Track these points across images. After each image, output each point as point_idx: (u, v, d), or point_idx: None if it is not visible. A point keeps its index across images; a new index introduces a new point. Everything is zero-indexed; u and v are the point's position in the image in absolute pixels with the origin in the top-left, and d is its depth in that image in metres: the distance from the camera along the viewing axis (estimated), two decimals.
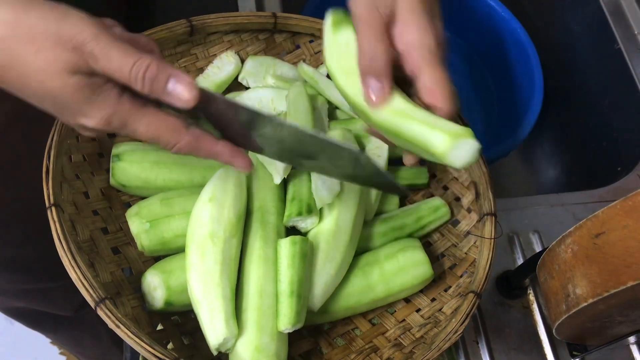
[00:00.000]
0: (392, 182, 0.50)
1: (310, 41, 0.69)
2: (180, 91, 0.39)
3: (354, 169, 0.48)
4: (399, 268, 0.58)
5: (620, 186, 0.75)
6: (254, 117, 0.44)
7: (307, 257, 0.53)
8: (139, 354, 0.47)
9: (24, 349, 1.37)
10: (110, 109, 0.39)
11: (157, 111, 0.41)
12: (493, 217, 0.58)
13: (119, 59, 0.38)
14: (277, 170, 0.56)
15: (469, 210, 0.63)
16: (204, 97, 0.42)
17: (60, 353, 1.38)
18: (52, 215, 0.49)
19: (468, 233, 0.62)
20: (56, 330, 1.03)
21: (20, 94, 0.40)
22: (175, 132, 0.41)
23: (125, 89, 0.40)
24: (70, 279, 0.48)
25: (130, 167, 0.57)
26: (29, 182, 0.61)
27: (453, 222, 0.64)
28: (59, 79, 0.37)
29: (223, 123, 0.45)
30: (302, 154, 0.47)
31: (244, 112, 0.43)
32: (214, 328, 0.49)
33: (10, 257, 0.74)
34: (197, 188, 0.57)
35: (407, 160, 0.50)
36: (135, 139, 0.44)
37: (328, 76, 0.67)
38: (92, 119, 0.40)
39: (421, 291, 0.61)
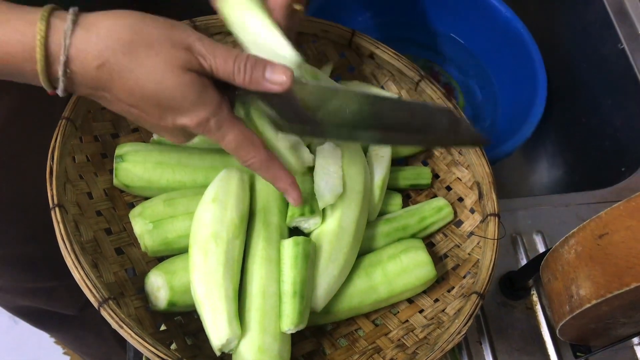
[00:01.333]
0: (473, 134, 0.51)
1: (313, 41, 0.69)
2: (278, 76, 0.43)
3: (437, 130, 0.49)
4: (402, 269, 0.58)
5: (624, 186, 0.75)
6: (334, 93, 0.47)
7: (310, 258, 0.53)
8: (142, 354, 0.47)
9: (27, 348, 1.37)
10: (213, 109, 0.43)
11: (246, 127, 0.46)
12: (496, 218, 0.58)
13: (223, 54, 0.42)
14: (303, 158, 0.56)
15: (472, 211, 0.63)
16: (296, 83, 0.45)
17: (64, 352, 1.39)
18: (56, 216, 0.49)
19: (471, 234, 0.62)
20: (60, 330, 1.03)
21: (127, 99, 0.42)
22: (255, 148, 0.46)
23: (225, 95, 0.44)
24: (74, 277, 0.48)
25: (134, 167, 0.57)
26: (31, 179, 0.62)
27: (456, 222, 0.64)
28: (176, 76, 0.41)
29: (287, 105, 0.46)
30: (373, 125, 0.48)
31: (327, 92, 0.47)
32: (217, 329, 0.49)
33: (15, 255, 0.75)
34: (200, 189, 0.57)
35: None
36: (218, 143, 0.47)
37: (331, 76, 0.67)
38: (193, 118, 0.43)
39: (424, 292, 0.61)
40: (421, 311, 0.61)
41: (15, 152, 0.64)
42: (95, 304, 0.47)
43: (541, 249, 0.69)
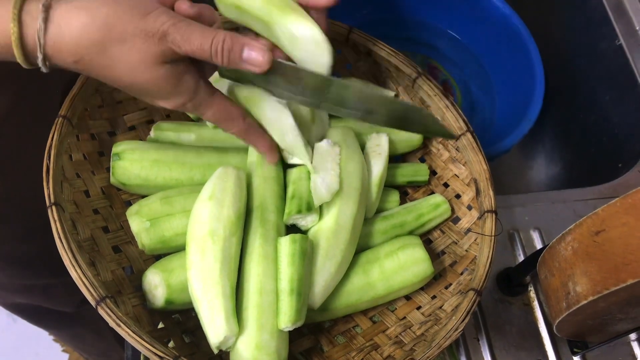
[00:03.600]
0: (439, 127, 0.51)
1: None
2: (255, 57, 0.44)
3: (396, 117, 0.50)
4: (399, 266, 0.58)
5: (622, 182, 0.75)
6: (321, 81, 0.48)
7: (307, 255, 0.53)
8: (140, 352, 0.47)
9: (26, 346, 1.37)
10: (189, 96, 0.46)
11: (224, 100, 0.48)
12: (493, 214, 0.58)
13: (198, 39, 0.42)
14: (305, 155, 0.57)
15: (469, 208, 0.63)
16: (275, 64, 0.46)
17: (63, 350, 1.39)
18: (53, 214, 0.49)
19: (468, 230, 0.62)
20: (58, 327, 1.03)
21: (111, 84, 0.45)
22: (235, 120, 0.50)
23: (201, 78, 0.46)
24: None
25: (131, 165, 0.57)
26: (27, 177, 0.62)
27: (453, 219, 0.64)
28: (150, 71, 0.42)
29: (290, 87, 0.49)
30: (359, 108, 0.50)
31: (310, 77, 0.48)
32: (215, 326, 0.49)
33: (11, 252, 0.75)
34: (197, 186, 0.57)
35: None
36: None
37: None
38: (171, 103, 0.46)
39: (422, 289, 0.61)
40: (418, 308, 0.61)
41: (11, 151, 0.64)
42: (93, 303, 0.47)
43: (538, 245, 0.69)
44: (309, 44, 0.49)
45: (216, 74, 0.52)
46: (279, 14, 0.50)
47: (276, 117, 0.52)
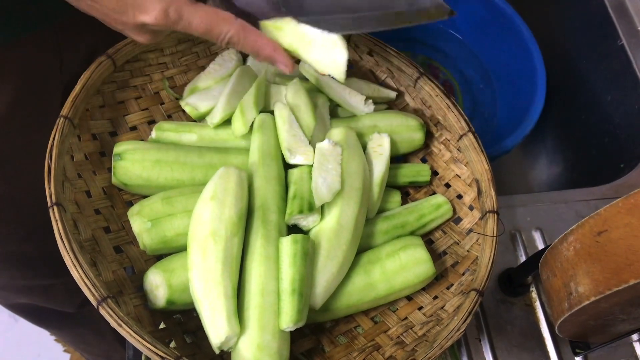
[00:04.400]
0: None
1: None
2: None
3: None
4: (400, 266, 0.58)
5: (623, 183, 0.75)
6: None
7: (308, 256, 0.53)
8: (141, 352, 0.47)
9: (28, 346, 1.38)
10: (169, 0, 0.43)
11: (208, 6, 0.45)
12: (495, 215, 0.58)
13: None
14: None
15: (471, 208, 0.63)
16: None
17: (65, 350, 1.39)
18: (54, 215, 0.49)
19: (470, 231, 0.62)
20: (59, 327, 1.03)
21: None
22: (226, 21, 0.45)
23: None
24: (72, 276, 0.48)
25: (132, 166, 0.57)
26: (29, 176, 0.62)
27: (455, 219, 0.64)
28: None
29: None
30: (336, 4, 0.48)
31: None
32: (216, 327, 0.49)
33: (12, 252, 0.75)
34: (198, 187, 0.57)
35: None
36: (189, 33, 0.46)
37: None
38: (151, 12, 0.43)
39: (423, 289, 0.61)
40: (420, 308, 0.61)
41: (13, 151, 0.64)
42: (94, 303, 0.47)
43: (540, 245, 0.69)
44: (325, 44, 0.48)
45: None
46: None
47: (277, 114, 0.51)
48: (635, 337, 0.62)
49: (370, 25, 0.50)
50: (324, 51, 0.48)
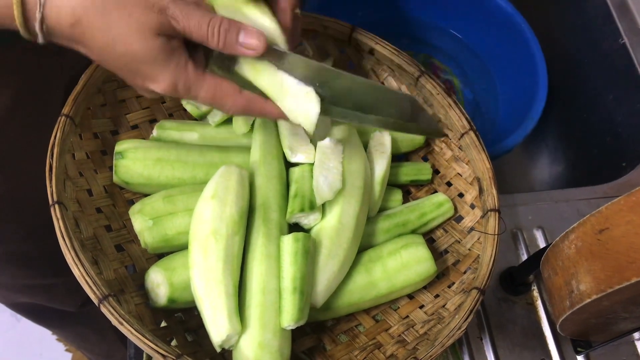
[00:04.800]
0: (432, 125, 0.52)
1: (313, 37, 0.68)
2: (250, 40, 0.44)
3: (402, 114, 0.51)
4: (402, 264, 0.58)
5: (625, 181, 0.75)
6: (317, 71, 0.47)
7: (309, 254, 0.53)
8: (142, 350, 0.47)
9: (30, 346, 1.38)
10: (178, 74, 0.44)
11: (215, 77, 0.46)
12: (497, 213, 0.58)
13: (197, 18, 0.43)
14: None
15: (472, 206, 0.63)
16: (271, 51, 0.46)
17: (66, 350, 1.39)
18: (56, 213, 0.49)
19: (472, 229, 0.62)
20: (61, 326, 1.03)
21: (99, 57, 0.44)
22: (231, 95, 0.46)
23: (190, 58, 0.45)
24: (73, 274, 0.48)
25: (133, 164, 0.57)
26: (30, 176, 0.62)
27: (456, 218, 0.64)
28: (146, 40, 0.42)
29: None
30: (354, 104, 0.49)
31: (303, 64, 0.47)
32: (217, 325, 0.49)
33: (13, 252, 0.75)
34: (199, 185, 0.57)
35: None
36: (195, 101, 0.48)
37: None
38: (161, 83, 0.44)
39: (424, 287, 0.61)
40: (421, 307, 0.61)
41: (14, 149, 0.64)
42: (96, 301, 0.47)
43: (542, 244, 0.69)
44: (299, 95, 0.48)
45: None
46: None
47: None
48: (637, 335, 0.62)
49: (370, 124, 0.52)
50: (297, 102, 0.49)
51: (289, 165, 0.60)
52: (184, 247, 0.55)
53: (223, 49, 0.44)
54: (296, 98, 0.48)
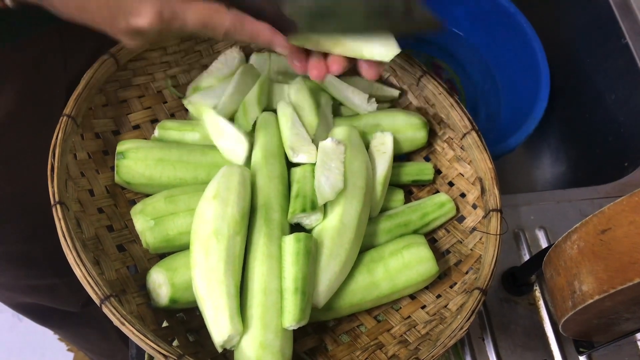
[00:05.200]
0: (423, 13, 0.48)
1: None
2: None
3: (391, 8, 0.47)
4: (403, 265, 0.58)
5: (628, 181, 0.75)
6: None
7: (311, 254, 0.53)
8: (144, 350, 0.47)
9: (32, 346, 1.38)
10: (162, 0, 0.42)
11: (201, 1, 0.44)
12: (499, 213, 0.58)
13: None
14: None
15: (474, 206, 0.63)
16: None
17: (68, 349, 1.39)
18: (57, 213, 0.49)
19: (474, 229, 0.62)
20: (63, 326, 1.03)
21: (70, 1, 0.42)
22: (220, 12, 0.44)
23: None
24: (75, 274, 0.48)
25: (135, 164, 0.57)
26: (32, 176, 0.62)
27: (458, 218, 0.64)
28: None
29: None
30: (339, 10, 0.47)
31: None
32: (219, 325, 0.49)
33: (16, 252, 0.75)
34: (201, 185, 0.57)
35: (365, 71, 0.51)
36: (186, 31, 0.45)
37: None
38: (145, 15, 0.42)
39: (426, 288, 0.61)
40: (423, 307, 0.60)
41: (16, 150, 0.64)
42: (97, 301, 0.47)
43: (544, 244, 0.68)
44: (232, 137, 0.57)
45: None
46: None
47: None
48: (639, 335, 0.62)
49: (361, 27, 0.49)
50: (230, 143, 0.58)
51: (290, 165, 0.60)
52: (185, 248, 0.55)
53: None
54: (230, 140, 0.58)
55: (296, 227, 0.58)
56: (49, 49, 0.63)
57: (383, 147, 0.63)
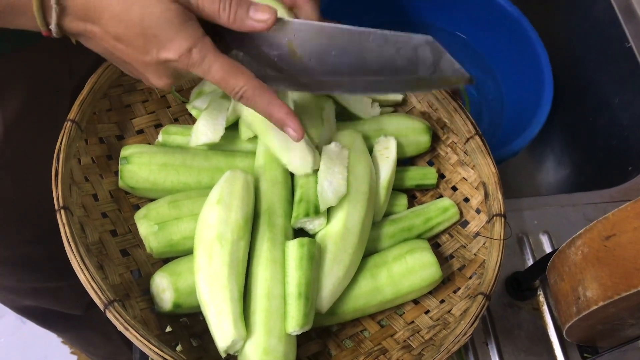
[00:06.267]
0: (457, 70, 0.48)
1: None
2: (262, 14, 0.44)
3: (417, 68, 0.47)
4: (407, 270, 0.58)
5: (632, 186, 0.74)
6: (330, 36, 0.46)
7: (314, 259, 0.53)
8: (148, 355, 0.47)
9: (35, 349, 1.38)
10: (195, 40, 0.43)
11: (231, 58, 0.45)
12: (502, 218, 0.58)
13: None
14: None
15: (478, 211, 0.63)
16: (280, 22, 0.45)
17: (71, 352, 1.39)
18: (62, 218, 0.50)
19: (477, 234, 0.62)
20: (66, 330, 1.04)
21: (112, 29, 0.43)
22: (244, 76, 0.45)
23: (206, 34, 0.44)
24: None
25: (139, 169, 0.57)
26: (37, 180, 0.62)
27: (462, 223, 0.64)
28: (163, 3, 0.42)
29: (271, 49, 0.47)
30: (359, 65, 0.47)
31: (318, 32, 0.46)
32: (222, 330, 0.49)
33: (20, 256, 0.75)
34: (205, 190, 0.57)
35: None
36: (205, 78, 0.46)
37: None
38: (176, 50, 0.43)
39: (430, 293, 0.61)
40: (427, 312, 0.60)
41: (21, 154, 0.64)
42: (101, 306, 0.47)
43: (548, 249, 0.68)
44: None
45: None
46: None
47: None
48: None
49: (391, 89, 0.50)
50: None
51: None
52: (189, 252, 0.55)
53: (233, 23, 0.44)
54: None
55: (299, 232, 0.58)
56: (54, 56, 0.63)
57: (386, 152, 0.63)
